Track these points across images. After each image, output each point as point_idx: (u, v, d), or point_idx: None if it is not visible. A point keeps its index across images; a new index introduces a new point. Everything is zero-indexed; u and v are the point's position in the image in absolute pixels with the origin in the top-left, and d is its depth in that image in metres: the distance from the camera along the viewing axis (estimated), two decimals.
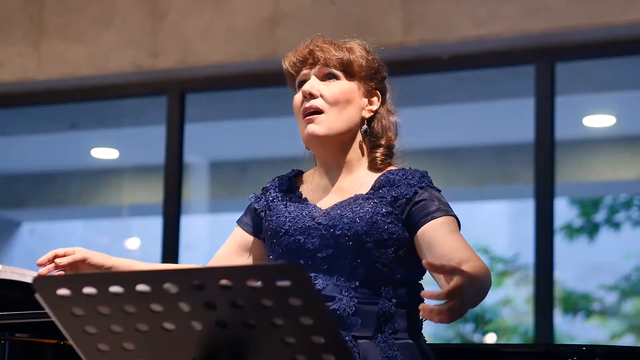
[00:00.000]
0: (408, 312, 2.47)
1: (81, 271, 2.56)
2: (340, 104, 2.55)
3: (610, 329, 7.01)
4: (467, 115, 6.31)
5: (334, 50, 2.59)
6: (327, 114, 2.54)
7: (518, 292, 7.20)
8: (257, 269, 1.77)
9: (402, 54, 5.30)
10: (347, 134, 2.57)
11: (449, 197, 2.57)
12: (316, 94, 2.56)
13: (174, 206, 5.75)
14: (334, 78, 2.58)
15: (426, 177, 2.56)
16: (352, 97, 2.57)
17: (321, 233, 2.47)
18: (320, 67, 2.58)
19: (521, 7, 5.04)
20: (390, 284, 2.45)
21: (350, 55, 2.59)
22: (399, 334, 2.44)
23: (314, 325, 1.77)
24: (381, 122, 2.61)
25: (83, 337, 1.89)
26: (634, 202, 6.72)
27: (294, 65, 2.62)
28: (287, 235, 2.51)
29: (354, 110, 2.58)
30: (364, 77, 2.60)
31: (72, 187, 7.40)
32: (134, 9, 5.73)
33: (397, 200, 2.49)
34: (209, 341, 1.84)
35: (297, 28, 5.29)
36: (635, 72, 5.66)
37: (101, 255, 2.59)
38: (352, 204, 2.49)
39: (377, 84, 2.63)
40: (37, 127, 6.87)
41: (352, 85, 2.58)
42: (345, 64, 2.58)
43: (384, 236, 2.44)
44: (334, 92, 2.56)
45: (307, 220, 2.50)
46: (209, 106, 6.22)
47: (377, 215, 2.45)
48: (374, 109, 2.61)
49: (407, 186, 2.51)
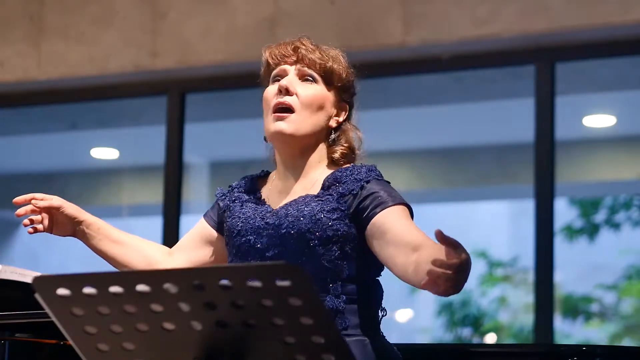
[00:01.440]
0: (360, 309, 2.47)
1: (55, 219, 2.64)
2: (312, 107, 2.56)
3: (609, 331, 7.01)
4: (467, 115, 6.31)
5: (318, 53, 2.59)
6: (297, 114, 2.55)
7: (516, 293, 7.20)
8: (257, 269, 1.77)
9: (402, 54, 5.30)
10: (311, 138, 2.58)
11: (449, 197, 2.58)
12: (292, 90, 2.56)
13: (174, 206, 5.75)
14: (312, 81, 2.58)
15: (373, 171, 2.55)
16: (324, 104, 2.58)
17: (269, 232, 2.50)
18: (302, 66, 2.59)
19: (521, 7, 5.04)
20: (338, 280, 2.46)
21: (334, 64, 2.60)
22: (349, 330, 2.44)
23: (314, 325, 1.77)
24: (346, 134, 2.62)
25: (83, 337, 1.89)
26: (634, 202, 6.72)
27: (275, 57, 2.62)
28: (239, 236, 2.54)
29: (323, 117, 2.59)
30: (340, 88, 2.61)
31: (72, 187, 7.40)
32: (134, 9, 5.73)
33: (343, 196, 2.49)
34: (209, 341, 1.84)
35: (297, 28, 5.29)
36: (635, 72, 5.66)
37: (76, 208, 2.66)
38: (300, 203, 2.51)
39: (348, 97, 2.64)
40: (37, 127, 6.87)
41: (326, 92, 2.59)
42: (326, 71, 2.59)
43: (329, 233, 2.45)
44: (309, 94, 2.57)
45: (257, 221, 2.53)
46: (209, 106, 6.22)
47: (322, 213, 2.47)
48: (340, 120, 2.62)
49: (353, 181, 2.51)
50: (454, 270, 2.08)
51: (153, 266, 2.71)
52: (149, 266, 2.70)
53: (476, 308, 7.35)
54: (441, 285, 2.09)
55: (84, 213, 2.67)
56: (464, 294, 7.34)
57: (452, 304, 7.37)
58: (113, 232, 2.70)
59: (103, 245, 2.68)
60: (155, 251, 2.74)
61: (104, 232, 2.68)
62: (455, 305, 7.36)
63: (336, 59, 2.61)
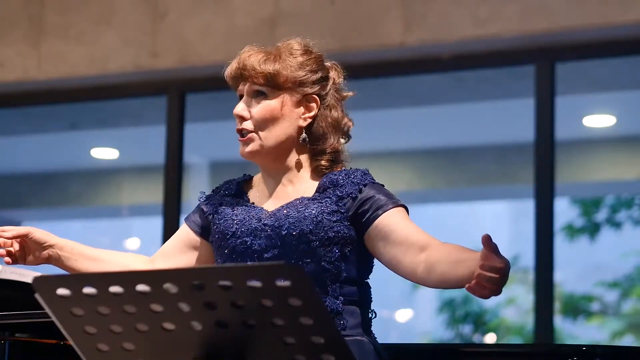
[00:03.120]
0: (357, 310, 2.51)
1: (27, 247, 2.63)
2: (268, 122, 2.58)
3: (610, 329, 7.01)
4: (467, 115, 6.31)
5: (257, 65, 2.58)
6: (257, 134, 2.59)
7: (520, 293, 7.20)
8: (257, 269, 1.77)
9: (402, 54, 5.29)
10: (281, 146, 2.59)
11: (449, 197, 2.61)
12: (246, 116, 2.60)
13: (174, 206, 5.75)
14: (261, 95, 2.60)
15: (368, 175, 2.58)
16: (279, 114, 2.58)
17: (267, 234, 2.51)
18: (250, 85, 2.61)
19: (521, 7, 5.04)
20: (337, 282, 2.49)
21: (277, 65, 2.58)
22: (347, 330, 2.47)
23: (314, 325, 1.77)
24: (321, 124, 2.60)
25: (83, 337, 1.89)
26: (635, 201, 6.72)
27: (231, 80, 2.67)
28: (234, 238, 2.55)
29: (285, 124, 2.59)
30: (293, 85, 2.59)
31: (72, 187, 7.40)
32: (134, 9, 5.73)
33: (342, 199, 2.52)
34: (209, 341, 1.84)
35: (297, 28, 5.29)
36: (635, 72, 5.66)
37: (45, 233, 2.64)
38: (298, 205, 2.53)
39: (311, 88, 2.60)
40: (37, 127, 6.86)
41: (279, 100, 2.59)
42: (269, 79, 2.57)
43: (330, 234, 2.48)
44: (260, 113, 2.58)
45: (253, 222, 2.54)
46: (209, 106, 6.22)
47: (323, 214, 2.49)
48: (312, 114, 2.60)
49: (351, 185, 2.54)
50: (500, 274, 2.17)
51: None
52: None
53: (478, 305, 7.35)
54: (487, 288, 2.18)
55: (54, 237, 2.65)
56: (465, 291, 7.34)
57: (454, 301, 7.37)
58: (87, 250, 2.68)
59: (80, 264, 2.66)
60: (136, 261, 2.72)
61: (78, 251, 2.66)
62: (456, 302, 7.37)
63: (280, 57, 2.59)
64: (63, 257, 2.65)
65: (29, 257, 2.64)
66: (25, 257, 2.64)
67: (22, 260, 2.64)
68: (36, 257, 2.64)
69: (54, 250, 2.64)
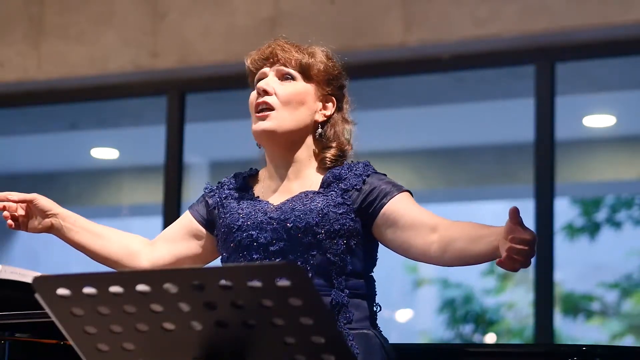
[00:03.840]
0: (362, 303, 2.53)
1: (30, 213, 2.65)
2: (292, 103, 2.59)
3: (610, 330, 7.01)
4: (467, 115, 6.31)
5: (294, 51, 2.63)
6: (277, 112, 2.59)
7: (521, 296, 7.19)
8: (257, 269, 1.77)
9: (402, 54, 5.29)
10: (296, 134, 2.61)
11: (449, 197, 2.62)
12: (270, 91, 2.60)
13: (174, 206, 5.75)
14: (290, 79, 2.62)
15: (370, 166, 2.62)
16: (305, 99, 2.61)
17: (273, 227, 2.52)
18: (279, 66, 2.63)
19: (521, 7, 5.04)
20: (343, 274, 2.50)
21: (310, 59, 2.63)
22: (353, 323, 2.49)
23: (314, 325, 1.77)
24: (334, 128, 2.65)
25: (83, 337, 1.89)
26: (635, 201, 6.72)
27: (254, 62, 2.67)
28: (240, 231, 2.55)
29: (306, 112, 2.61)
30: (321, 81, 2.64)
31: (72, 187, 7.40)
32: (134, 9, 5.72)
33: (347, 191, 2.54)
34: (209, 341, 1.84)
35: (297, 28, 5.29)
36: (635, 72, 5.66)
37: (50, 201, 2.67)
38: (304, 199, 2.54)
39: (333, 90, 2.66)
40: (37, 127, 6.86)
41: (307, 87, 2.62)
42: (303, 66, 2.62)
43: (335, 227, 2.49)
44: (287, 91, 2.60)
45: (259, 216, 2.55)
46: (209, 106, 6.22)
47: (329, 207, 2.51)
48: (328, 113, 2.65)
49: (354, 177, 2.56)
50: (530, 246, 2.18)
51: (134, 256, 2.71)
52: (130, 256, 2.70)
53: (478, 305, 7.35)
54: (518, 261, 2.19)
55: (59, 207, 2.68)
56: (467, 290, 7.35)
57: (454, 301, 7.37)
58: (90, 225, 2.71)
59: (81, 237, 2.68)
60: (135, 241, 2.74)
61: (80, 224, 2.69)
62: (457, 302, 7.37)
63: (314, 54, 2.64)
64: (65, 227, 2.67)
65: (32, 223, 2.66)
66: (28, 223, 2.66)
67: (25, 226, 2.66)
68: (37, 225, 2.66)
69: (57, 220, 2.67)
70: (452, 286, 7.43)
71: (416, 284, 7.65)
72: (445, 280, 7.47)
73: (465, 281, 7.36)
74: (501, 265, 2.21)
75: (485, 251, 2.33)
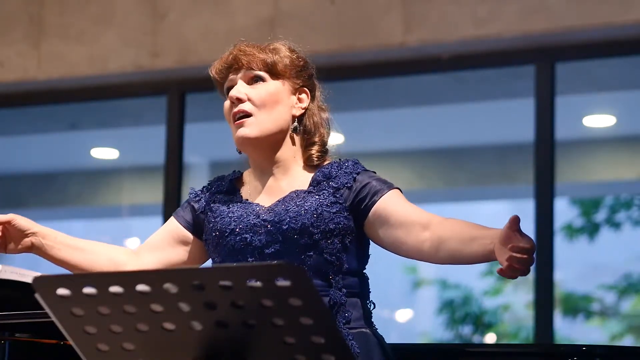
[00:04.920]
0: (359, 301, 2.52)
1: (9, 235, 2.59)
2: (268, 105, 2.59)
3: (610, 330, 7.00)
4: (467, 115, 6.31)
5: (257, 52, 2.63)
6: (256, 117, 2.58)
7: (517, 298, 7.19)
8: (257, 269, 1.77)
9: (402, 54, 5.29)
10: (279, 134, 2.60)
11: (449, 197, 2.62)
12: (243, 97, 2.60)
13: (174, 206, 5.75)
14: (260, 80, 2.61)
15: (359, 164, 2.61)
16: (279, 97, 2.60)
17: (267, 229, 2.50)
18: (245, 70, 2.62)
19: (521, 7, 5.04)
20: (340, 273, 2.50)
21: (274, 56, 2.62)
22: (352, 323, 2.48)
23: (314, 325, 1.77)
24: (312, 119, 2.64)
25: (83, 337, 1.89)
26: (635, 201, 6.72)
27: (220, 72, 2.68)
28: (233, 235, 2.53)
29: (283, 109, 2.61)
30: (290, 75, 2.62)
31: (72, 187, 7.40)
32: (134, 9, 5.73)
33: (338, 190, 2.54)
34: (209, 341, 1.84)
35: (297, 28, 5.29)
36: (635, 72, 5.66)
37: (28, 220, 2.61)
38: (296, 199, 2.53)
39: (304, 81, 2.65)
40: (37, 127, 6.86)
41: (278, 84, 2.61)
42: (269, 65, 2.61)
43: (330, 226, 2.49)
44: (260, 94, 2.59)
45: (252, 218, 2.54)
46: (209, 106, 6.22)
47: (322, 207, 2.50)
48: (304, 106, 2.64)
49: (344, 175, 2.56)
50: (529, 254, 2.18)
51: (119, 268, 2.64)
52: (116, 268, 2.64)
53: (477, 306, 7.35)
54: (519, 269, 2.19)
55: (37, 225, 2.61)
56: (466, 291, 7.34)
57: (454, 302, 7.37)
58: (72, 240, 2.63)
59: (64, 254, 2.61)
60: (120, 252, 2.68)
61: (61, 240, 2.61)
62: (456, 303, 7.36)
63: (277, 50, 2.64)
64: (46, 245, 2.60)
65: (10, 245, 2.61)
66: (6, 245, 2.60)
67: (3, 248, 2.60)
68: (18, 246, 2.60)
69: (37, 238, 2.60)
70: (451, 287, 7.43)
71: (415, 285, 7.65)
72: (445, 281, 7.47)
73: (465, 282, 7.36)
74: (502, 274, 2.21)
75: (479, 253, 2.33)
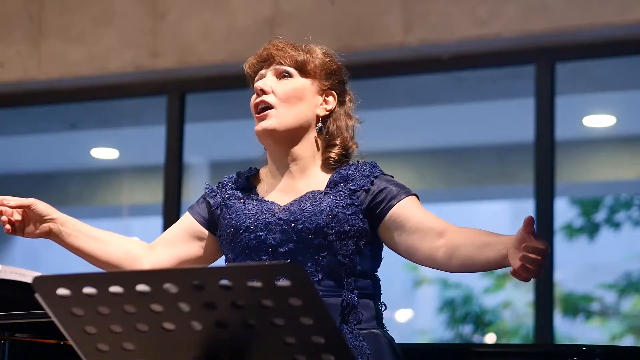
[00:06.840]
0: (370, 303, 2.53)
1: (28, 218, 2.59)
2: (291, 100, 2.60)
3: (610, 330, 7.00)
4: (467, 115, 6.31)
5: (290, 49, 2.64)
6: (277, 110, 2.59)
7: (518, 295, 7.19)
8: (257, 269, 1.77)
9: (402, 54, 5.29)
10: (298, 130, 2.61)
11: (449, 197, 2.62)
12: (267, 89, 2.60)
13: (174, 206, 5.75)
14: (288, 76, 2.62)
15: (377, 167, 2.61)
16: (303, 95, 2.61)
17: (282, 228, 2.50)
18: (276, 65, 2.63)
19: (521, 7, 5.04)
20: (352, 275, 2.50)
21: (306, 55, 2.63)
22: (363, 324, 2.49)
23: (314, 325, 1.77)
24: (336, 123, 2.65)
25: (83, 337, 1.89)
26: (635, 202, 6.72)
27: (253, 66, 2.68)
28: (247, 232, 2.53)
29: (306, 107, 2.61)
30: (319, 75, 2.64)
31: (72, 187, 7.40)
32: (134, 9, 5.73)
33: (355, 192, 2.54)
34: (209, 341, 1.84)
35: (297, 28, 5.29)
36: (635, 72, 5.66)
37: (48, 206, 2.61)
38: (312, 199, 2.53)
39: (333, 84, 2.65)
40: (37, 127, 6.87)
41: (305, 82, 2.62)
42: (299, 63, 2.62)
43: (345, 228, 2.49)
44: (285, 88, 2.60)
45: (267, 217, 2.54)
46: (209, 106, 6.22)
47: (338, 208, 2.50)
48: (330, 107, 2.64)
49: (362, 178, 2.56)
50: (542, 256, 2.17)
51: (136, 261, 2.66)
52: (131, 261, 2.66)
53: (478, 305, 7.35)
54: (531, 269, 2.18)
55: (57, 211, 2.62)
56: (466, 291, 7.35)
57: (454, 301, 7.38)
58: (89, 229, 2.65)
59: (81, 242, 2.62)
60: (136, 246, 2.69)
61: (79, 229, 2.63)
62: (456, 302, 7.37)
63: (311, 51, 2.65)
64: (64, 232, 2.61)
65: (29, 228, 2.60)
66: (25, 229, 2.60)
67: (21, 231, 2.60)
68: (35, 230, 2.60)
69: (56, 225, 2.61)
70: (452, 286, 7.43)
71: (416, 284, 7.65)
72: (445, 281, 7.47)
73: (465, 281, 7.37)
74: (514, 274, 2.20)
75: (493, 259, 2.32)
